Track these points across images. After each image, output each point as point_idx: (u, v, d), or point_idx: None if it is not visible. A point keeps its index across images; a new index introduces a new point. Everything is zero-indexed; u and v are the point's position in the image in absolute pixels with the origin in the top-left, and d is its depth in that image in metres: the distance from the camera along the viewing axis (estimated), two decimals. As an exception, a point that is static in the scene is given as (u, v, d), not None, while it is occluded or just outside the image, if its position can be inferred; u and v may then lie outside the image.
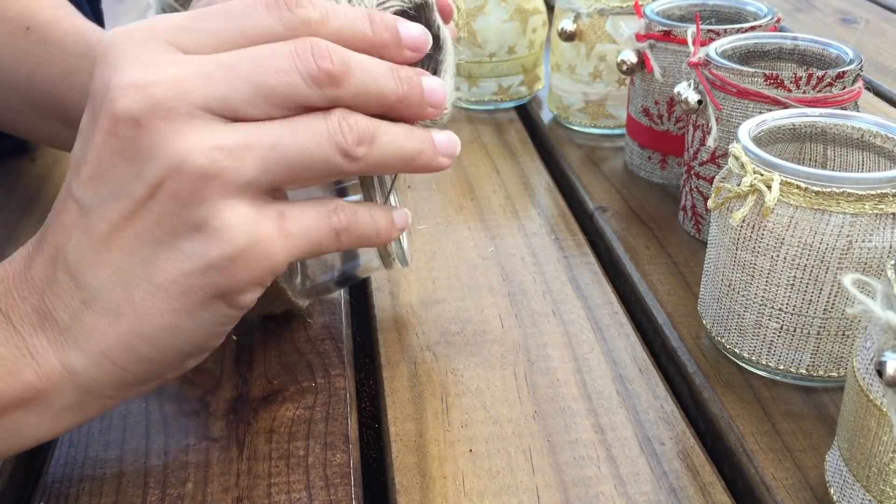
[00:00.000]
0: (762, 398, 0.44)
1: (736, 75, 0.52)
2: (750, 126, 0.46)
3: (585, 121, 0.74)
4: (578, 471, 0.40)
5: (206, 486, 0.39)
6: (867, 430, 0.34)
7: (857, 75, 0.52)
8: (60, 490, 0.39)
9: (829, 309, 0.42)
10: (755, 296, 0.44)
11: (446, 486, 0.40)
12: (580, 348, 0.48)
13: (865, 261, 0.41)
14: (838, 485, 0.37)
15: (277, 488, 0.39)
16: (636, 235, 0.59)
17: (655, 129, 0.65)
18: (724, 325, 0.46)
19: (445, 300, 0.53)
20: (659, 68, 0.62)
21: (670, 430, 0.43)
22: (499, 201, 0.64)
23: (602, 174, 0.68)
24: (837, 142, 0.48)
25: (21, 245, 0.37)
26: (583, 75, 0.72)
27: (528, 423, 0.43)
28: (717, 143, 0.54)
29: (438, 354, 0.48)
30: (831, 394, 0.44)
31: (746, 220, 0.43)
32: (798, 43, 0.56)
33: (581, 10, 0.70)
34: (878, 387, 0.33)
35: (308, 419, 0.43)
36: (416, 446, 0.42)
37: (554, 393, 0.45)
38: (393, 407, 0.44)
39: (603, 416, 0.43)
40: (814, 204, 0.41)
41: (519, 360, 0.47)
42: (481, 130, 0.76)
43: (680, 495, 0.39)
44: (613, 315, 0.51)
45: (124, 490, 0.39)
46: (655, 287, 0.54)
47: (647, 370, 0.47)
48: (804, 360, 0.43)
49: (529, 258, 0.57)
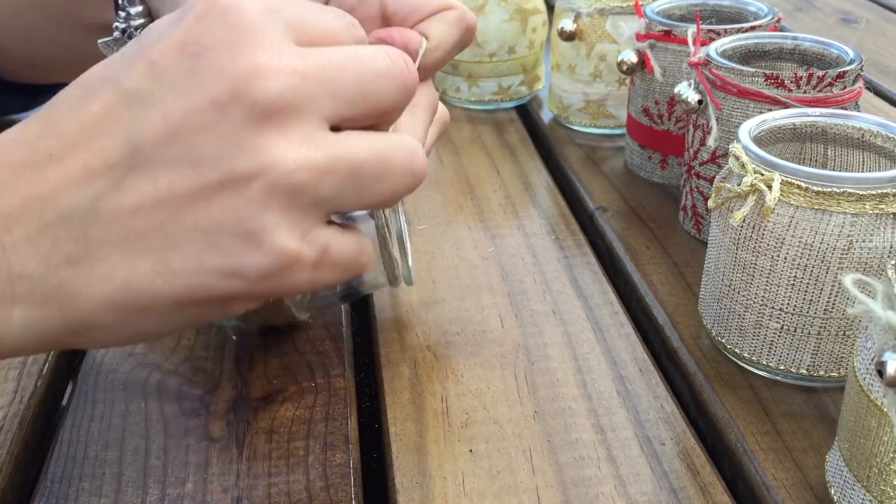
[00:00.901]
0: (762, 398, 0.44)
1: (736, 75, 0.52)
2: (750, 126, 0.46)
3: (585, 121, 0.74)
4: (579, 471, 0.40)
5: (205, 486, 0.39)
6: (868, 431, 0.34)
7: (857, 75, 0.51)
8: (60, 490, 0.39)
9: (829, 309, 0.42)
10: (755, 296, 0.44)
11: (446, 486, 0.40)
12: (580, 348, 0.48)
13: (866, 261, 0.41)
14: (839, 485, 0.37)
15: (277, 488, 0.39)
16: (636, 235, 0.59)
17: (655, 128, 0.65)
18: (725, 325, 0.46)
19: (445, 300, 0.52)
20: (659, 68, 0.62)
21: (670, 431, 0.43)
22: (499, 201, 0.64)
23: (602, 174, 0.68)
24: (838, 142, 0.48)
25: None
26: (583, 75, 0.72)
27: (529, 424, 0.43)
28: (718, 143, 0.54)
29: (438, 354, 0.48)
30: (832, 394, 0.44)
31: (747, 220, 0.43)
32: (798, 43, 0.56)
33: (581, 10, 0.70)
34: (879, 387, 0.33)
35: (308, 419, 0.43)
36: (416, 446, 0.42)
37: (554, 393, 0.45)
38: (393, 407, 0.44)
39: (603, 417, 0.43)
40: (814, 204, 0.41)
41: (519, 360, 0.47)
42: (481, 130, 0.76)
43: (680, 495, 0.39)
44: (614, 315, 0.51)
45: (124, 490, 0.39)
46: (656, 287, 0.54)
47: (647, 370, 0.47)
48: (805, 360, 0.43)
49: (529, 258, 0.57)
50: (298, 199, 0.32)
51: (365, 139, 0.33)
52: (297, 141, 0.32)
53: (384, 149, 0.34)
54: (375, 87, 0.34)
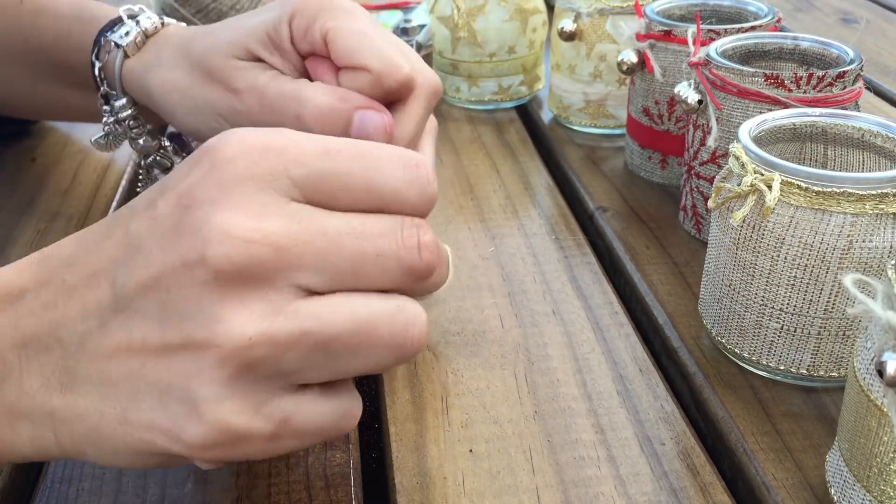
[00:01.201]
0: (762, 398, 0.44)
1: (736, 75, 0.52)
2: (750, 126, 0.46)
3: (585, 121, 0.74)
4: (579, 471, 0.40)
5: (205, 486, 0.39)
6: (868, 431, 0.34)
7: (857, 75, 0.51)
8: (60, 490, 0.39)
9: (829, 309, 0.42)
10: (756, 296, 0.44)
11: (446, 486, 0.40)
12: (580, 348, 0.48)
13: (866, 261, 0.41)
14: (839, 485, 0.37)
15: (277, 488, 0.39)
16: (636, 235, 0.59)
17: (655, 128, 0.65)
18: (725, 325, 0.46)
19: (445, 300, 0.52)
20: (659, 68, 0.62)
21: (671, 431, 0.43)
22: (499, 201, 0.64)
23: (602, 174, 0.68)
24: (838, 142, 0.48)
25: (20, 246, 0.36)
26: (583, 75, 0.72)
27: (529, 424, 0.43)
28: (718, 143, 0.54)
29: (438, 354, 0.48)
30: (832, 394, 0.44)
31: (747, 220, 0.43)
32: (798, 43, 0.56)
33: (581, 10, 0.70)
34: (879, 387, 0.33)
35: (308, 419, 0.43)
36: (416, 446, 0.42)
37: (554, 393, 0.45)
38: (393, 407, 0.44)
39: (603, 417, 0.43)
40: (814, 204, 0.41)
41: (519, 360, 0.47)
42: (481, 130, 0.76)
43: (680, 495, 0.39)
44: (614, 315, 0.51)
45: (124, 490, 0.39)
46: (656, 287, 0.54)
47: (647, 370, 0.47)
48: (805, 360, 0.43)
49: (529, 258, 0.57)
50: (252, 373, 0.30)
51: (348, 306, 0.30)
52: (259, 313, 0.29)
53: (370, 318, 0.31)
54: (374, 268, 0.31)
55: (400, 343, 0.31)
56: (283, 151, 0.31)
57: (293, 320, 0.30)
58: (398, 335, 0.31)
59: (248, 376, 0.30)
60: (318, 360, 0.30)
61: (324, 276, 0.30)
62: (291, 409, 0.31)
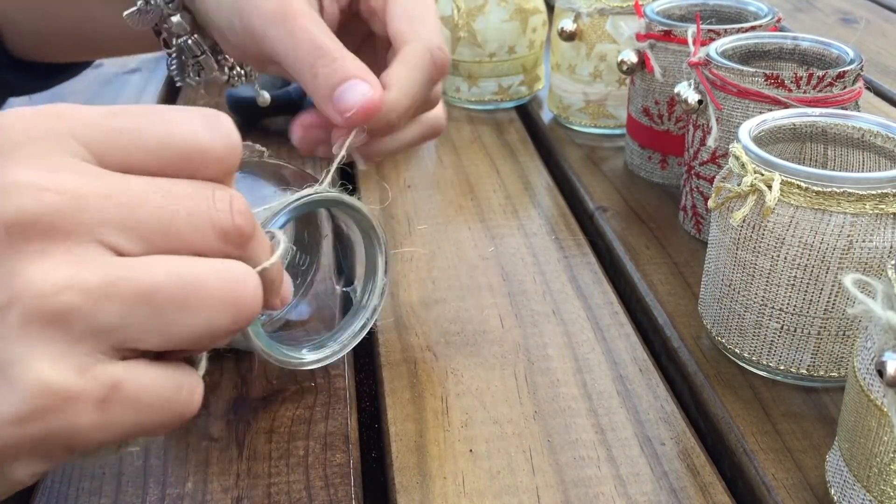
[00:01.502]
0: (762, 398, 0.44)
1: (736, 75, 0.52)
2: (750, 126, 0.46)
3: (585, 121, 0.74)
4: (579, 471, 0.40)
5: (205, 486, 0.39)
6: (868, 431, 0.34)
7: (857, 75, 0.51)
8: (60, 490, 0.39)
9: (829, 309, 0.42)
10: (756, 296, 0.44)
11: (446, 486, 0.40)
12: (580, 348, 0.48)
13: (866, 261, 0.41)
14: (839, 485, 0.37)
15: (277, 488, 0.39)
16: (636, 235, 0.59)
17: (655, 129, 0.65)
18: (725, 325, 0.46)
19: (445, 300, 0.52)
20: (659, 68, 0.62)
21: (671, 431, 0.43)
22: (499, 201, 0.64)
23: (602, 174, 0.68)
24: (838, 142, 0.48)
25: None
26: (583, 75, 0.72)
27: (529, 424, 0.43)
28: (718, 143, 0.54)
29: (438, 354, 0.48)
30: (832, 394, 0.44)
31: (747, 220, 0.43)
32: (798, 43, 0.56)
33: (581, 10, 0.70)
34: (879, 387, 0.33)
35: (308, 419, 0.43)
36: (416, 446, 0.42)
37: (554, 393, 0.45)
38: (393, 407, 0.44)
39: (603, 417, 0.43)
40: (814, 204, 0.41)
41: (519, 360, 0.47)
42: (481, 130, 0.76)
43: (680, 495, 0.39)
44: (614, 315, 0.51)
45: (124, 490, 0.39)
46: (656, 287, 0.54)
47: (647, 370, 0.47)
48: (805, 360, 0.43)
49: (529, 258, 0.57)
50: (65, 326, 0.27)
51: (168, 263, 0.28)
52: (64, 262, 0.27)
53: (195, 273, 0.28)
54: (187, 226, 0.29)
55: (233, 297, 0.29)
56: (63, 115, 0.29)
57: (104, 268, 0.27)
58: (229, 289, 0.29)
59: (63, 330, 0.27)
60: (141, 316, 0.28)
61: (132, 235, 0.28)
62: (121, 374, 0.28)
